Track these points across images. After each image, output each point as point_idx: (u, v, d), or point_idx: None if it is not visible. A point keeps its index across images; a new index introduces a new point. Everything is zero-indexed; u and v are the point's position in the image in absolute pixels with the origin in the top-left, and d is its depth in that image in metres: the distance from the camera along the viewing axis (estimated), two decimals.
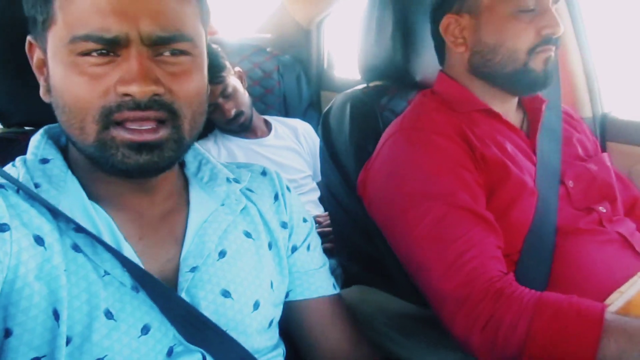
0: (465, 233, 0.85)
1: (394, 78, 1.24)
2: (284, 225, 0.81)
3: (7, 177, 0.62)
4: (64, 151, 0.69)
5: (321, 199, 1.87)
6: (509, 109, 1.05)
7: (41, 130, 0.70)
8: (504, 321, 0.77)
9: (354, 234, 1.18)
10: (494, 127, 1.00)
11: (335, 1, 2.05)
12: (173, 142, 0.62)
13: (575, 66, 1.43)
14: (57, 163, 0.66)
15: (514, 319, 0.77)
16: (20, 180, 0.63)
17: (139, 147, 0.60)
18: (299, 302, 0.83)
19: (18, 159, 0.67)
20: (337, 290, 0.87)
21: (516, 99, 1.06)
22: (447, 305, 0.84)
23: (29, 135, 0.80)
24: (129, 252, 0.65)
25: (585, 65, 1.43)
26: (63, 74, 0.59)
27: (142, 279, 0.63)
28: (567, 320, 0.75)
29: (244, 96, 1.81)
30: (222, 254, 0.72)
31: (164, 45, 0.60)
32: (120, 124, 0.59)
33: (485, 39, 0.98)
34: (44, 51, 0.62)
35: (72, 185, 0.65)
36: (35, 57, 0.65)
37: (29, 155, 0.67)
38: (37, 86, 0.76)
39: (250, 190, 0.80)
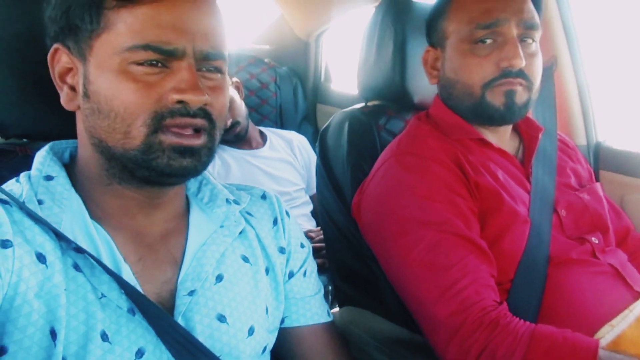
0: (460, 260, 0.85)
1: (392, 98, 1.25)
2: (281, 250, 0.81)
3: (10, 196, 0.62)
4: (67, 168, 0.69)
5: (314, 213, 1.87)
6: (501, 136, 1.05)
7: (46, 147, 0.70)
8: (498, 352, 0.78)
9: (347, 255, 1.18)
10: (487, 155, 1.00)
11: (335, 16, 2.05)
12: (207, 149, 0.66)
13: (571, 93, 1.44)
14: (61, 180, 0.66)
15: (508, 351, 0.77)
16: (24, 196, 0.64)
17: (183, 151, 0.63)
18: (294, 329, 0.83)
19: (22, 175, 0.67)
20: (331, 318, 0.87)
21: (509, 127, 1.05)
22: (440, 333, 0.84)
23: (27, 147, 0.79)
24: (127, 273, 0.64)
25: (580, 93, 1.44)
26: (113, 80, 0.61)
27: (138, 302, 0.63)
28: (561, 355, 0.75)
29: (241, 107, 1.81)
30: (219, 278, 0.72)
31: (208, 61, 0.65)
32: (167, 129, 0.62)
33: (447, 73, 1.00)
34: (83, 59, 0.63)
35: (75, 203, 0.66)
36: (59, 65, 0.66)
37: (33, 171, 0.67)
38: (37, 98, 0.76)
39: (250, 214, 0.80)
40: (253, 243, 0.78)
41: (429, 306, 0.85)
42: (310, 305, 0.84)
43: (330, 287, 1.40)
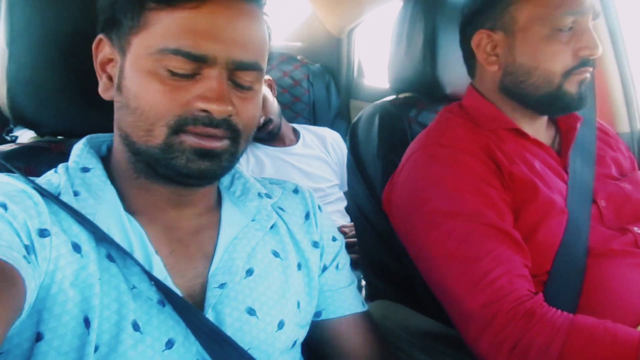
0: (491, 251, 0.83)
1: (423, 90, 1.24)
2: (315, 244, 0.81)
3: (44, 190, 0.63)
4: (104, 161, 0.71)
5: (347, 209, 1.86)
6: (538, 127, 1.02)
7: (84, 140, 0.72)
8: (535, 344, 0.75)
9: (378, 248, 1.17)
10: (523, 145, 0.98)
11: (367, 11, 2.04)
12: (230, 154, 0.66)
13: (612, 80, 1.39)
14: (97, 172, 0.68)
15: (545, 343, 0.75)
16: (61, 186, 0.66)
17: (203, 153, 0.63)
18: (331, 321, 0.83)
19: (61, 166, 0.69)
20: (366, 308, 0.87)
21: (546, 117, 1.03)
22: (472, 325, 0.82)
23: (61, 144, 0.82)
24: (158, 266, 0.65)
25: (623, 79, 1.39)
26: (143, 79, 0.62)
27: (167, 295, 0.64)
28: (601, 346, 0.72)
29: (273, 104, 1.82)
30: (249, 272, 0.73)
31: (242, 70, 0.64)
32: (188, 131, 0.63)
33: (519, 60, 0.95)
34: (122, 53, 0.65)
35: (110, 195, 0.67)
36: (102, 54, 0.68)
37: (70, 162, 0.69)
38: (71, 96, 0.78)
39: (282, 209, 0.81)
40: (284, 238, 0.78)
41: (461, 298, 0.83)
42: (345, 297, 0.84)
43: (363, 283, 1.39)
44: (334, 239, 0.85)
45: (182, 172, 0.64)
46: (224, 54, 0.62)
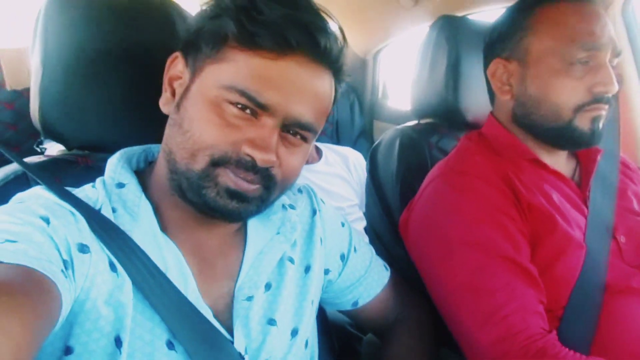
0: (506, 284, 0.83)
1: (445, 116, 1.24)
2: (321, 241, 0.83)
3: (88, 207, 0.64)
4: (138, 174, 0.72)
5: (367, 229, 1.86)
6: (558, 158, 1.01)
7: (117, 154, 0.73)
8: None
9: None
10: (542, 176, 0.97)
11: (393, 34, 2.05)
12: (259, 200, 0.67)
13: (637, 111, 1.37)
14: (132, 188, 0.69)
15: None
16: (100, 202, 0.67)
17: (234, 193, 0.64)
18: (368, 304, 0.90)
19: (98, 180, 0.70)
20: (389, 270, 0.95)
21: (566, 150, 1.02)
22: None
23: (87, 158, 0.84)
24: (192, 287, 0.67)
25: None
26: (203, 106, 0.64)
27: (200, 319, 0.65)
28: None
29: None
30: (267, 286, 0.74)
31: (297, 128, 0.66)
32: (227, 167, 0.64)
33: (530, 91, 0.94)
34: (192, 75, 0.67)
35: (145, 211, 0.68)
36: (174, 70, 0.70)
37: (106, 178, 0.70)
38: (100, 111, 0.81)
39: (293, 207, 0.82)
40: (298, 240, 0.80)
41: (473, 331, 0.83)
42: (373, 275, 0.90)
43: None
44: (342, 225, 0.89)
45: (209, 205, 0.64)
46: (285, 109, 0.63)
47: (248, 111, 0.63)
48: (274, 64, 0.62)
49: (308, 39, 0.62)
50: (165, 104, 0.70)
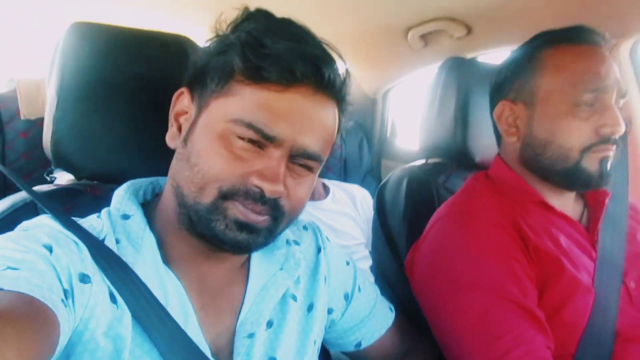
0: (513, 329, 0.81)
1: (453, 156, 1.24)
2: (325, 280, 0.82)
3: (91, 237, 0.65)
4: (144, 207, 0.72)
5: (372, 268, 1.84)
6: (566, 200, 1.00)
7: (124, 186, 0.74)
8: None
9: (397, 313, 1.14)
10: (549, 219, 0.96)
11: (403, 74, 2.08)
12: (268, 231, 0.67)
13: None
14: (137, 219, 0.69)
15: None
16: (104, 232, 0.67)
17: (243, 225, 0.64)
18: (371, 345, 0.89)
19: (104, 211, 0.71)
20: (394, 312, 0.94)
21: (574, 192, 1.01)
22: None
23: (96, 188, 0.85)
24: (193, 322, 0.66)
25: None
26: (211, 140, 0.64)
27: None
28: None
29: None
30: (269, 324, 0.73)
31: (302, 158, 0.66)
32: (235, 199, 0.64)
33: (536, 132, 0.94)
34: (199, 110, 0.68)
35: (148, 243, 0.68)
36: (180, 105, 0.71)
37: (112, 209, 0.70)
38: (110, 142, 0.82)
39: (297, 243, 0.81)
40: (302, 278, 0.79)
41: None
42: (377, 315, 0.89)
43: None
44: (347, 264, 0.88)
45: (219, 237, 0.64)
46: (292, 140, 0.63)
47: (257, 144, 0.63)
48: (281, 96, 0.63)
49: (313, 70, 0.63)
50: (171, 139, 0.71)
